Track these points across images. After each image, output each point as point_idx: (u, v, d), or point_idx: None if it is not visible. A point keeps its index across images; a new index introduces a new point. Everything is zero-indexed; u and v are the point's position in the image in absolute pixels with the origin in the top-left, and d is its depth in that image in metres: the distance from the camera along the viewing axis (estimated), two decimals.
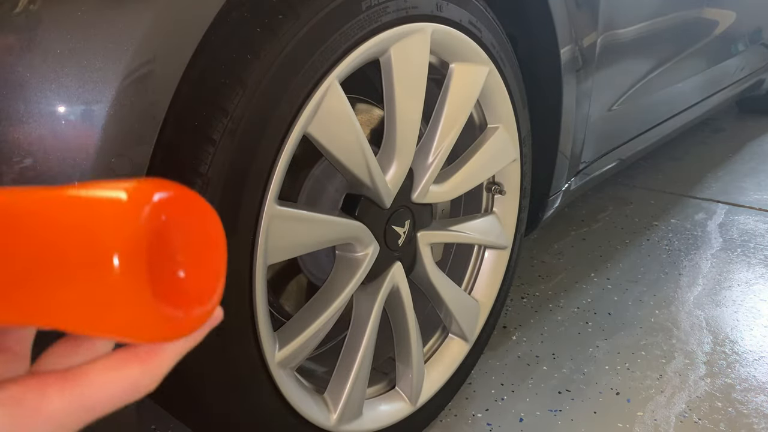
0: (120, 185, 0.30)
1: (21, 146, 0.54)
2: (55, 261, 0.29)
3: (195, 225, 0.33)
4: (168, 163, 0.65)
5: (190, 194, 0.32)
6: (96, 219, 0.29)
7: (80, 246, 0.29)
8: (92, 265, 0.28)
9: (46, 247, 0.29)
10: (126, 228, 0.28)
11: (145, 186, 0.30)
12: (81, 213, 0.29)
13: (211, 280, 0.35)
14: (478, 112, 1.11)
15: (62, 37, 0.55)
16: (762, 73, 2.81)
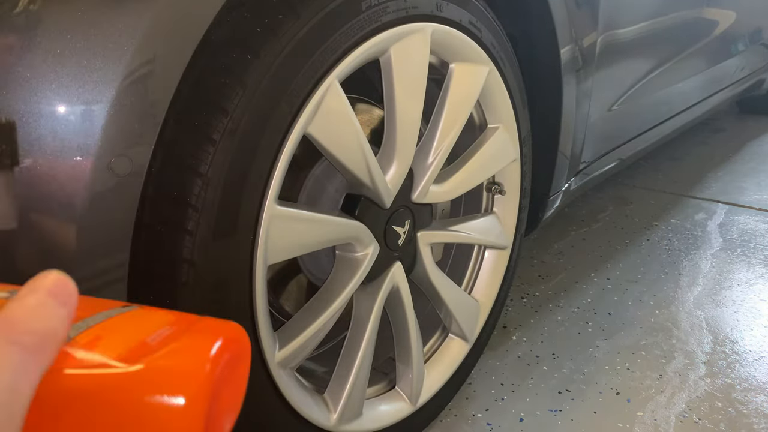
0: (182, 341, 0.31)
1: (21, 146, 0.54)
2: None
3: (235, 366, 0.34)
4: (168, 163, 0.65)
5: (238, 336, 0.34)
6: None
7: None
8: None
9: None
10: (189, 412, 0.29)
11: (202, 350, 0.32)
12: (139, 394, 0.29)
13: (232, 415, 0.36)
14: (478, 112, 1.11)
15: (62, 37, 0.55)
16: (762, 73, 2.81)
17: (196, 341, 0.32)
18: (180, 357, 0.31)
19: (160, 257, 0.66)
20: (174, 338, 0.32)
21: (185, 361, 0.31)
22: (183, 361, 0.31)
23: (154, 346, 0.31)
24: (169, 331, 0.33)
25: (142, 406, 0.29)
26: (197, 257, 0.66)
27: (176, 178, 0.65)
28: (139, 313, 0.35)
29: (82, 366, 0.29)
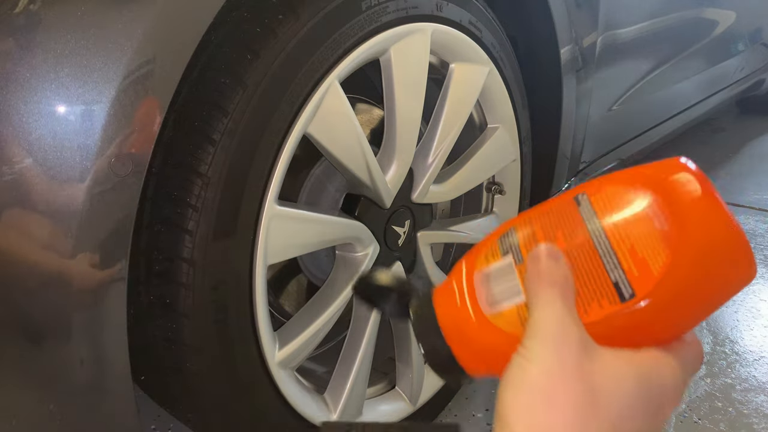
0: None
1: (21, 146, 0.54)
2: None
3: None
4: (168, 163, 0.65)
5: None
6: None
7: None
8: None
9: None
10: None
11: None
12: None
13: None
14: (478, 112, 1.11)
15: (62, 37, 0.55)
16: (762, 73, 2.81)
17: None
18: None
19: (160, 257, 0.66)
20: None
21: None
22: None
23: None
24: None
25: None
26: (197, 257, 0.66)
27: (176, 178, 0.65)
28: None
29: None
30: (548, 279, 0.36)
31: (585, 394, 0.32)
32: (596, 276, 0.36)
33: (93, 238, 0.57)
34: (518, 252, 0.39)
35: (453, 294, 0.41)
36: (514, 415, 0.33)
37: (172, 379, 0.72)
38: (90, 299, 0.59)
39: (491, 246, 0.41)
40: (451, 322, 0.40)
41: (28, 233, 0.56)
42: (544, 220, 0.40)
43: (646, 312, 0.34)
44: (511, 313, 0.38)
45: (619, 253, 0.36)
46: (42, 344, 0.60)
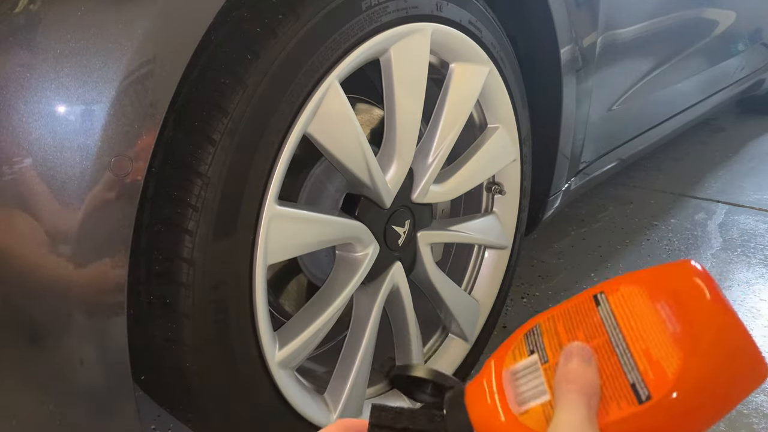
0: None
1: (21, 146, 0.54)
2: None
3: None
4: (168, 163, 0.65)
5: None
6: None
7: None
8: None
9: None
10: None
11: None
12: None
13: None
14: (478, 112, 1.11)
15: (62, 37, 0.55)
16: (762, 73, 2.81)
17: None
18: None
19: (160, 257, 0.66)
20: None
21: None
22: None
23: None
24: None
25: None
26: (197, 257, 0.66)
27: (176, 178, 0.65)
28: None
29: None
30: (577, 383, 0.37)
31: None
32: (615, 377, 0.37)
33: (93, 238, 0.57)
34: (543, 351, 0.41)
35: (484, 392, 0.42)
36: None
37: (172, 379, 0.72)
38: (90, 299, 0.59)
39: (518, 343, 0.43)
40: (482, 419, 0.42)
41: (28, 233, 0.56)
42: (566, 319, 0.42)
43: (661, 414, 0.35)
44: (536, 411, 0.39)
45: (636, 354, 0.37)
46: (42, 344, 0.60)
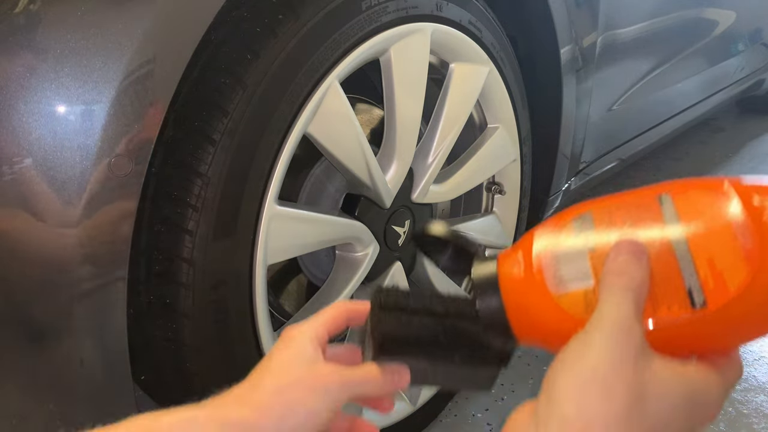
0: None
1: (21, 146, 0.54)
2: None
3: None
4: (168, 163, 0.65)
5: None
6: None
7: None
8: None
9: None
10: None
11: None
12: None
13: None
14: (478, 112, 1.11)
15: (62, 37, 0.55)
16: (762, 73, 2.81)
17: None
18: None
19: (160, 257, 0.66)
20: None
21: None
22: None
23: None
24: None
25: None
26: (197, 257, 0.66)
27: (176, 177, 0.65)
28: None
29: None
30: (627, 278, 0.36)
31: (637, 393, 0.34)
32: (671, 279, 0.37)
33: (93, 238, 0.57)
34: (592, 238, 0.40)
35: (519, 264, 0.41)
36: (565, 396, 0.34)
37: (172, 379, 0.72)
38: (90, 299, 0.59)
39: (564, 224, 0.42)
40: (514, 291, 0.41)
41: (28, 233, 0.56)
42: (624, 212, 0.40)
43: (713, 324, 0.35)
44: (576, 296, 0.38)
45: (698, 261, 0.36)
46: (42, 344, 0.60)
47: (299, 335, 0.48)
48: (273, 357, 0.47)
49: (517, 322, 0.41)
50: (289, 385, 0.44)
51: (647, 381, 0.34)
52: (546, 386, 0.36)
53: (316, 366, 0.46)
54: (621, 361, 0.34)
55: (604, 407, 0.33)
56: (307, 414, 0.44)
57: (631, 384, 0.34)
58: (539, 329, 0.40)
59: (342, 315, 0.50)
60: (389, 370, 0.47)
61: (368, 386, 0.47)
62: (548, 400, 0.35)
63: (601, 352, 0.34)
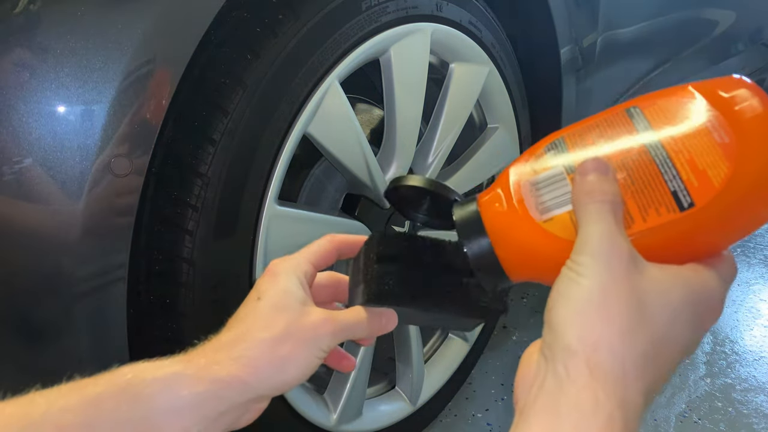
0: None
1: (21, 146, 0.54)
2: None
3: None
4: (168, 163, 0.65)
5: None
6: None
7: None
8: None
9: None
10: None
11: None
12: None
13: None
14: (478, 112, 1.11)
15: (62, 37, 0.55)
16: (762, 73, 2.81)
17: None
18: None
19: (160, 257, 0.66)
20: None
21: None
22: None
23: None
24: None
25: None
26: (197, 257, 0.66)
27: (176, 178, 0.65)
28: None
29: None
30: (598, 194, 0.36)
31: (635, 306, 0.34)
32: (654, 186, 0.37)
33: (93, 238, 0.57)
34: (569, 161, 0.40)
35: (500, 199, 0.41)
36: (565, 326, 0.34)
37: None
38: (90, 299, 0.59)
39: (539, 155, 0.42)
40: (499, 225, 0.41)
41: (28, 233, 0.56)
42: (595, 132, 0.41)
43: (702, 222, 0.36)
44: (563, 219, 0.39)
45: (678, 164, 0.37)
46: (42, 344, 0.60)
47: (285, 272, 0.46)
48: (261, 296, 0.46)
49: (506, 257, 0.41)
50: (279, 338, 0.43)
51: (644, 291, 0.34)
52: (547, 318, 0.36)
53: (306, 311, 0.44)
54: (613, 280, 0.34)
55: (606, 330, 0.33)
56: (299, 367, 0.44)
57: (627, 299, 0.34)
58: (530, 259, 0.40)
59: (332, 249, 0.49)
60: (378, 314, 0.47)
61: (357, 331, 0.46)
62: (551, 332, 0.35)
63: (593, 275, 0.34)
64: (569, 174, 0.39)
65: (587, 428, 0.31)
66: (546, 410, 0.33)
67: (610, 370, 0.32)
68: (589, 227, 0.36)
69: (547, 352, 0.35)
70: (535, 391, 0.34)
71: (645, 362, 0.33)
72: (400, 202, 0.50)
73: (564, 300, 0.35)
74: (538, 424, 0.33)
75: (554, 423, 0.32)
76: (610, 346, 0.33)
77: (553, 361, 0.34)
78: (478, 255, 0.41)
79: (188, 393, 0.40)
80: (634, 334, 0.33)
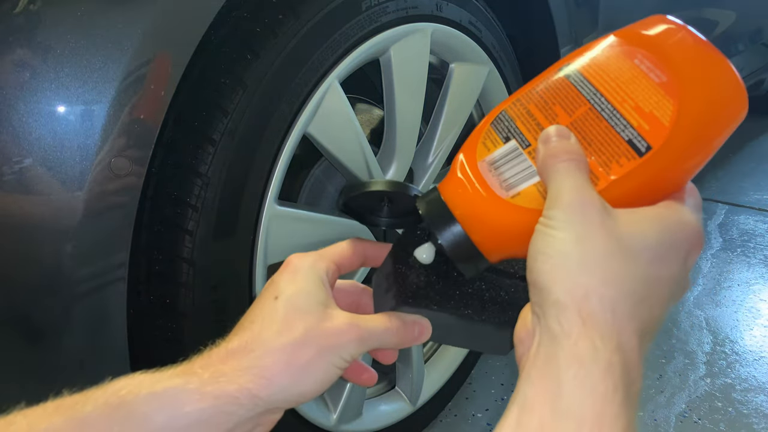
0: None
1: (21, 146, 0.54)
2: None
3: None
4: (168, 163, 0.65)
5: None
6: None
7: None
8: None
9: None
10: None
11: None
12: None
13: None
14: (478, 112, 1.11)
15: (62, 37, 0.55)
16: (762, 73, 2.81)
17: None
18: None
19: (160, 257, 0.66)
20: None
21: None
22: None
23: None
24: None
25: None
26: (197, 257, 0.66)
27: (176, 178, 0.65)
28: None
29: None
30: (563, 155, 0.37)
31: (614, 250, 0.34)
32: (608, 140, 0.38)
33: (93, 238, 0.57)
34: (521, 136, 0.40)
35: (462, 184, 0.41)
36: (550, 281, 0.34)
37: None
38: (90, 299, 0.59)
39: (487, 134, 0.42)
40: (467, 210, 0.41)
41: (28, 233, 0.56)
42: (537, 98, 0.41)
43: (663, 162, 0.36)
44: (530, 191, 0.39)
45: (625, 113, 0.37)
46: (42, 344, 0.60)
47: (307, 269, 0.41)
48: (279, 295, 0.41)
49: (481, 239, 0.41)
50: (297, 344, 0.38)
51: (620, 235, 0.34)
52: (530, 279, 0.35)
53: (328, 315, 0.39)
54: (588, 229, 0.34)
55: (592, 279, 0.33)
56: (317, 379, 0.38)
57: (606, 245, 0.34)
58: (505, 236, 0.40)
59: (358, 253, 0.45)
60: (411, 322, 0.42)
61: (389, 339, 0.41)
62: (537, 291, 0.35)
63: (567, 227, 0.34)
64: (524, 148, 0.40)
65: (588, 377, 0.31)
66: (546, 365, 0.33)
67: (602, 317, 0.32)
68: (558, 184, 0.36)
69: (538, 310, 0.35)
70: (534, 349, 0.34)
71: (634, 303, 0.33)
72: (358, 211, 0.48)
73: (543, 257, 0.34)
74: (539, 379, 0.32)
75: (555, 377, 0.32)
76: (598, 294, 0.33)
77: (545, 317, 0.34)
78: (453, 244, 0.41)
79: (191, 410, 0.36)
80: (620, 278, 0.33)
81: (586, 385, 0.31)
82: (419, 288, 0.43)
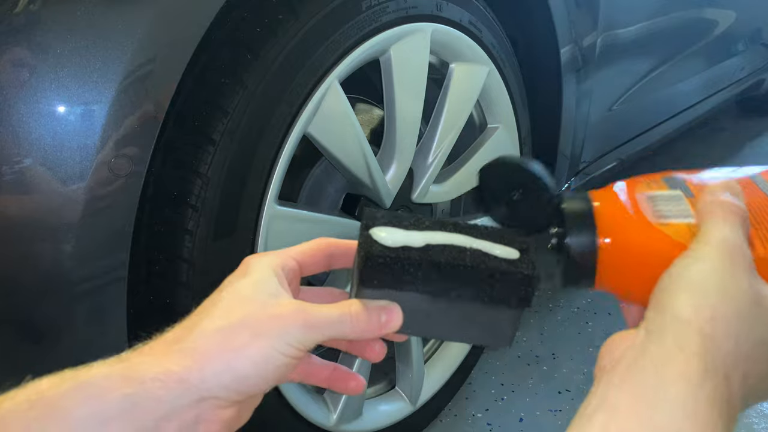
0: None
1: (21, 146, 0.54)
2: None
3: None
4: (168, 163, 0.65)
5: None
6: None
7: None
8: None
9: None
10: None
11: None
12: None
13: None
14: (478, 112, 1.11)
15: (62, 37, 0.55)
16: (762, 73, 2.81)
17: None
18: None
19: (160, 257, 0.66)
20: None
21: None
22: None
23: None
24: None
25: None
26: (197, 257, 0.66)
27: (176, 178, 0.65)
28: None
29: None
30: (730, 206, 0.36)
31: (754, 298, 0.33)
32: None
33: (93, 238, 0.57)
34: (687, 189, 0.41)
35: (616, 201, 0.41)
36: (681, 300, 0.33)
37: None
38: (90, 299, 0.59)
39: (654, 180, 0.43)
40: (611, 222, 0.40)
41: (28, 233, 0.56)
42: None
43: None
44: (680, 226, 0.39)
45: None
46: (41, 344, 0.60)
47: (259, 264, 0.39)
48: (224, 289, 0.38)
49: (608, 257, 0.40)
50: (232, 327, 0.35)
51: (761, 292, 0.34)
52: (654, 301, 0.34)
53: (275, 303, 0.36)
54: (734, 270, 0.33)
55: (724, 306, 0.32)
56: (256, 364, 0.35)
57: (747, 289, 0.33)
58: (636, 258, 0.39)
59: (321, 250, 0.42)
60: (375, 308, 0.38)
61: (345, 327, 0.37)
62: (658, 309, 0.34)
63: (713, 261, 0.34)
64: (688, 198, 0.40)
65: (691, 398, 0.30)
66: (642, 374, 0.31)
67: (723, 343, 0.31)
68: (714, 225, 0.35)
69: (651, 326, 0.33)
70: (630, 359, 0.33)
71: (757, 352, 0.32)
72: (488, 188, 0.43)
73: (679, 279, 0.34)
74: (632, 387, 0.31)
75: (653, 386, 0.30)
76: (726, 320, 0.32)
77: (660, 332, 0.32)
78: (580, 250, 0.40)
79: (114, 397, 0.33)
80: (751, 318, 0.33)
81: (688, 407, 0.30)
82: (382, 265, 0.38)
